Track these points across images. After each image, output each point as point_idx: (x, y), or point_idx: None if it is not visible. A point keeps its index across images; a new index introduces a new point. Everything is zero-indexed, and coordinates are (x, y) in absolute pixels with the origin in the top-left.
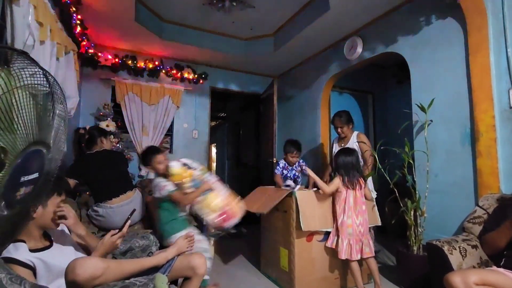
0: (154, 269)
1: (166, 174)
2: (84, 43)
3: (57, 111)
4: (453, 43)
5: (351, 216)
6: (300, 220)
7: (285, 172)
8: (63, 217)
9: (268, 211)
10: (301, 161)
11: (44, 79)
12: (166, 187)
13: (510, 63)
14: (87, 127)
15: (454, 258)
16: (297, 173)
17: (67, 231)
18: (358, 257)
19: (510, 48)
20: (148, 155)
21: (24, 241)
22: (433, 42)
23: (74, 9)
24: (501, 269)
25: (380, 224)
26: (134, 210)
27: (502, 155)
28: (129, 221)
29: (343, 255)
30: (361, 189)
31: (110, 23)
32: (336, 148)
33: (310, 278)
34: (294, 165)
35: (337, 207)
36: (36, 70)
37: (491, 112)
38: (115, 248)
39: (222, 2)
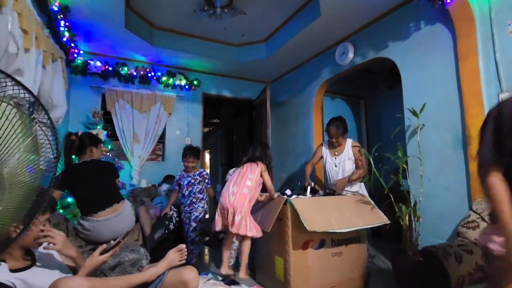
0: (144, 286)
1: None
2: (73, 50)
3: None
4: (442, 49)
5: (228, 186)
6: (303, 222)
7: (181, 181)
8: (48, 241)
9: (271, 228)
10: (204, 172)
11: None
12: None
13: (498, 68)
14: (79, 133)
15: (450, 264)
16: (192, 180)
17: (54, 251)
18: (220, 228)
19: (499, 53)
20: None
21: (4, 261)
22: (423, 47)
23: (61, 16)
24: None
25: (388, 222)
26: (128, 233)
27: None
28: (121, 243)
29: (214, 227)
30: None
31: (99, 30)
32: (327, 156)
33: (306, 287)
34: (192, 173)
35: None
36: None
37: (481, 117)
38: (103, 263)
39: (213, 9)
